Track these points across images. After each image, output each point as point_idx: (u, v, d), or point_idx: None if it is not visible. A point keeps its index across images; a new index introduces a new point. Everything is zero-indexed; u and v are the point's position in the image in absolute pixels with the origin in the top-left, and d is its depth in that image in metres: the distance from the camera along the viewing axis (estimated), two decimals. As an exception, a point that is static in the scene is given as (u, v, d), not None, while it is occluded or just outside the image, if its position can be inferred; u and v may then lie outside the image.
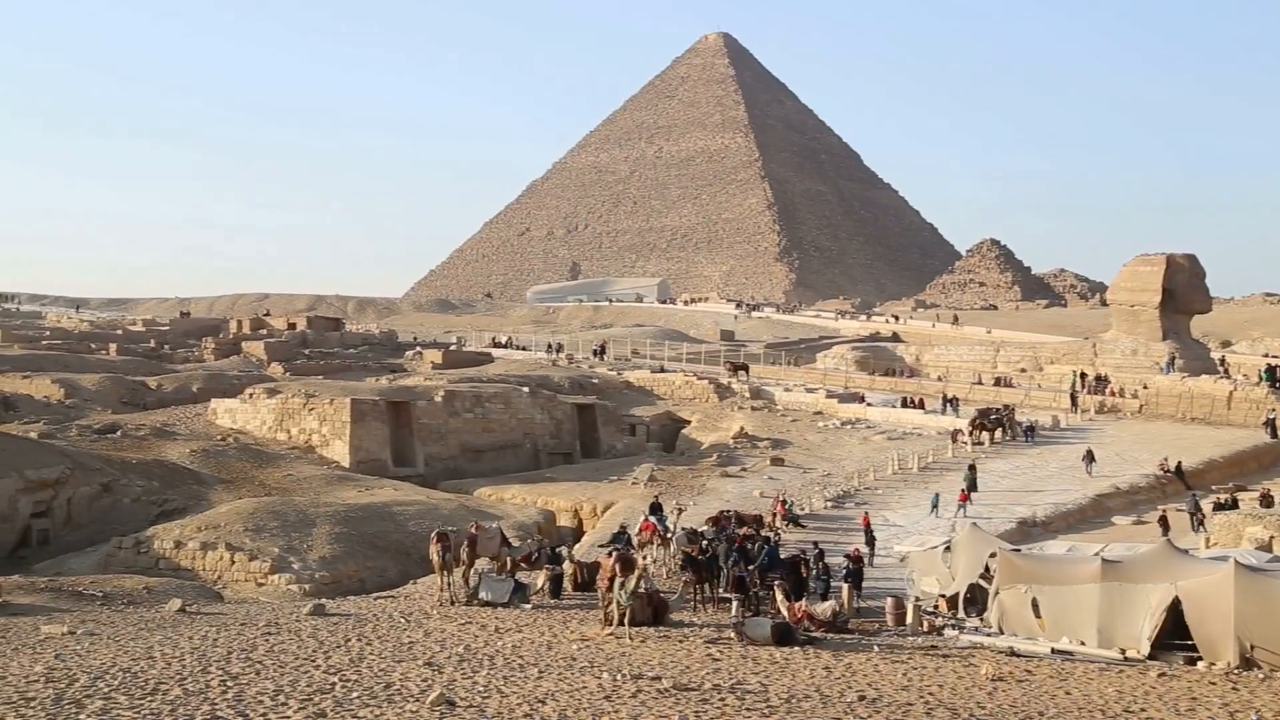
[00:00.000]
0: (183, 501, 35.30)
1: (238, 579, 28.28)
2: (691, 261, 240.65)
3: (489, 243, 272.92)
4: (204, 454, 41.18)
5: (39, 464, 33.65)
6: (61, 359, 64.35)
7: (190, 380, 59.07)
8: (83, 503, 34.07)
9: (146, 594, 23.34)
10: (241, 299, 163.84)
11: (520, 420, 50.70)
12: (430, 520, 32.34)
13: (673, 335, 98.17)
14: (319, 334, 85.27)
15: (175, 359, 74.29)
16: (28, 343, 74.78)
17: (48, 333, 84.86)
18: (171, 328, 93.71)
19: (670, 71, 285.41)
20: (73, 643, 16.07)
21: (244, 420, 48.15)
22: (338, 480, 39.91)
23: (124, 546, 29.92)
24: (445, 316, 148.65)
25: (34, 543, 32.18)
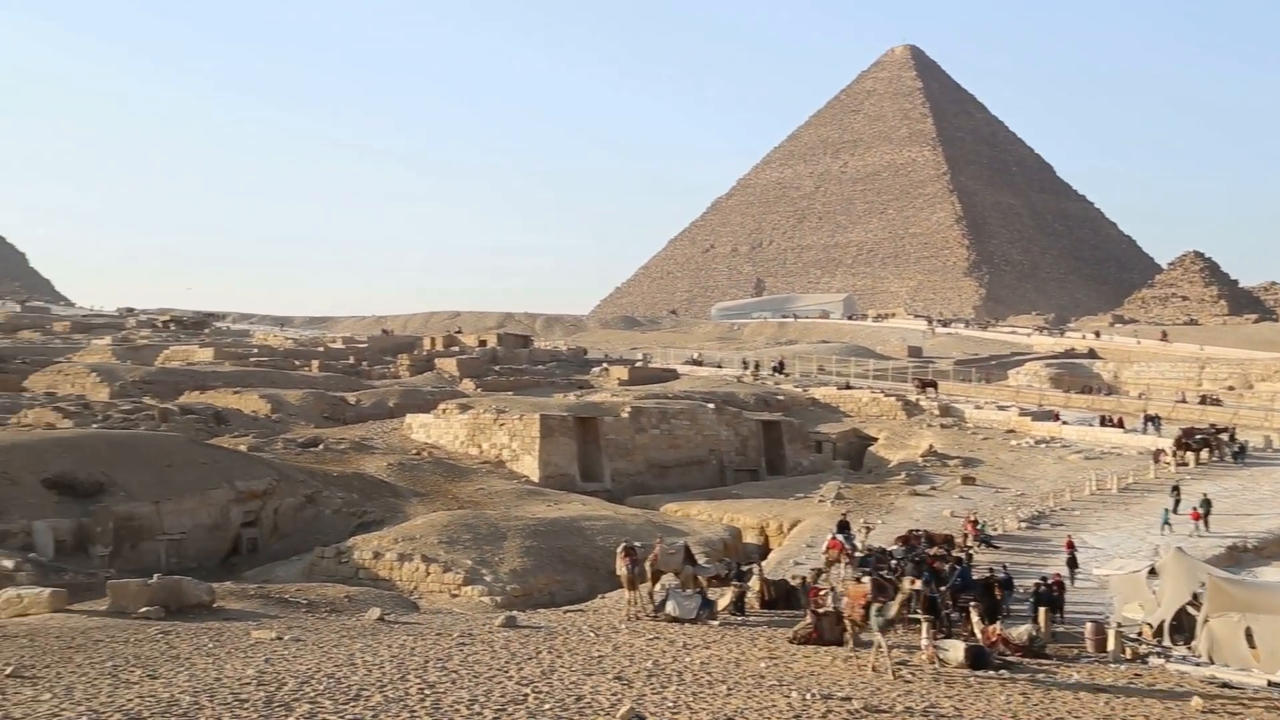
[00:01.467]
0: (380, 513, 36.43)
1: (432, 590, 29.05)
2: (878, 277, 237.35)
3: (674, 260, 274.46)
4: (400, 467, 42.45)
5: (248, 476, 35.26)
6: (268, 375, 67.29)
7: (387, 396, 61.05)
8: (288, 513, 35.53)
9: (348, 602, 24.16)
10: (434, 317, 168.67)
11: (706, 436, 50.80)
12: (617, 535, 32.63)
13: (859, 351, 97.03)
14: (509, 351, 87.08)
15: (372, 375, 76.85)
16: (237, 360, 78.41)
17: (255, 350, 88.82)
18: (369, 345, 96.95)
19: (856, 86, 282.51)
20: (280, 647, 16.74)
21: (437, 435, 49.47)
22: (527, 494, 40.63)
23: (326, 556, 31.07)
24: (630, 333, 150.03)
25: (244, 550, 33.70)
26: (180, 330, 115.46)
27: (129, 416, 48.57)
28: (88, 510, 30.49)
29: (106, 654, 15.88)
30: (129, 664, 15.06)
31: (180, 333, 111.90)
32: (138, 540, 30.98)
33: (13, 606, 20.70)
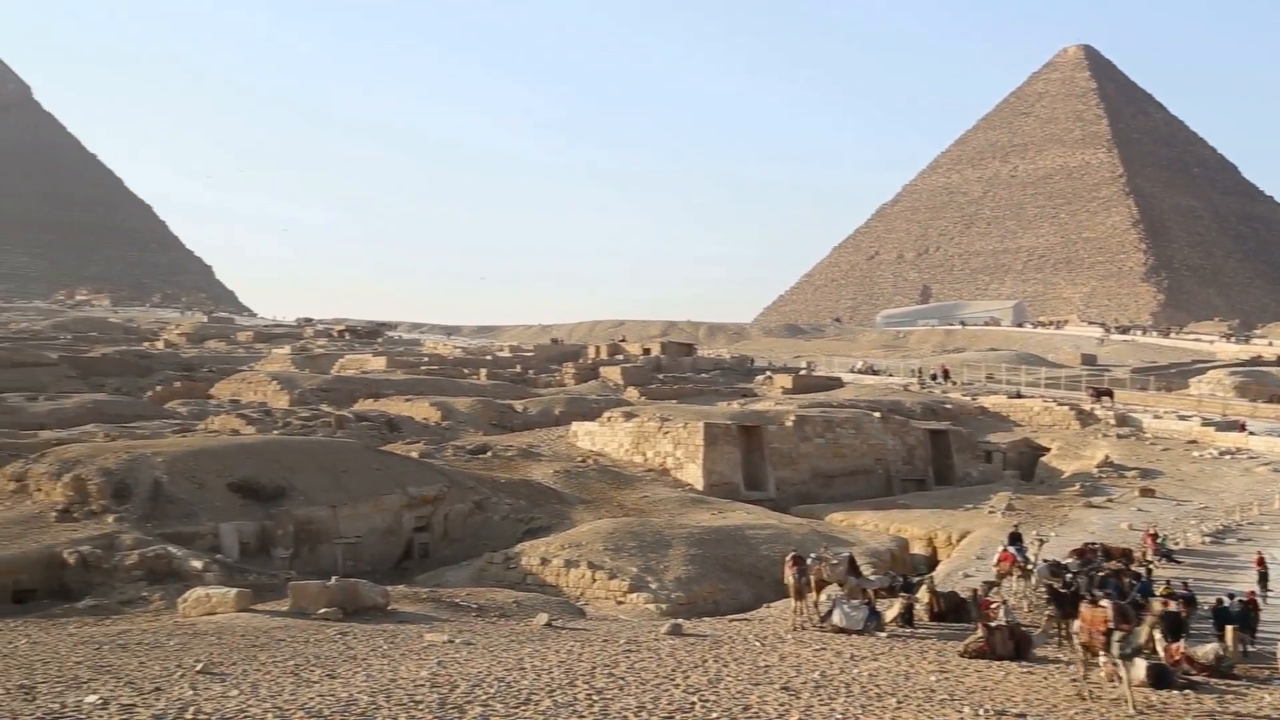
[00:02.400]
0: (547, 520, 36.91)
1: (598, 596, 29.30)
2: (1049, 283, 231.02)
3: (837, 267, 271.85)
4: (565, 474, 42.96)
5: (420, 482, 36.14)
6: (438, 383, 68.90)
7: (552, 404, 61.90)
8: (458, 519, 36.29)
9: (516, 607, 24.55)
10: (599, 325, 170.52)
11: (871, 445, 50.15)
12: (782, 545, 32.41)
13: (1029, 359, 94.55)
14: (672, 359, 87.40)
15: (539, 383, 78.05)
16: (408, 368, 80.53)
17: (426, 359, 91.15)
18: (536, 354, 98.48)
19: (1026, 88, 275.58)
20: (452, 650, 17.10)
21: (602, 443, 49.91)
22: (691, 503, 40.69)
23: (494, 561, 31.63)
24: (794, 341, 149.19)
25: (416, 555, 34.53)
26: (354, 340, 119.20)
27: (307, 423, 50.28)
28: (270, 514, 31.62)
29: (289, 653, 16.46)
30: (310, 663, 15.59)
31: (354, 342, 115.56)
32: (316, 543, 32.01)
33: (202, 605, 21.62)
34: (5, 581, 24.92)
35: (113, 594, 24.97)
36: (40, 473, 30.70)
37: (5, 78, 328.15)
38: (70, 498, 29.42)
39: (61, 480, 29.96)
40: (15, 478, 31.05)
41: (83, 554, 26.08)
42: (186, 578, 25.85)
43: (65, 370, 73.14)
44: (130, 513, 29.14)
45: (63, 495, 29.54)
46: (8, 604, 24.18)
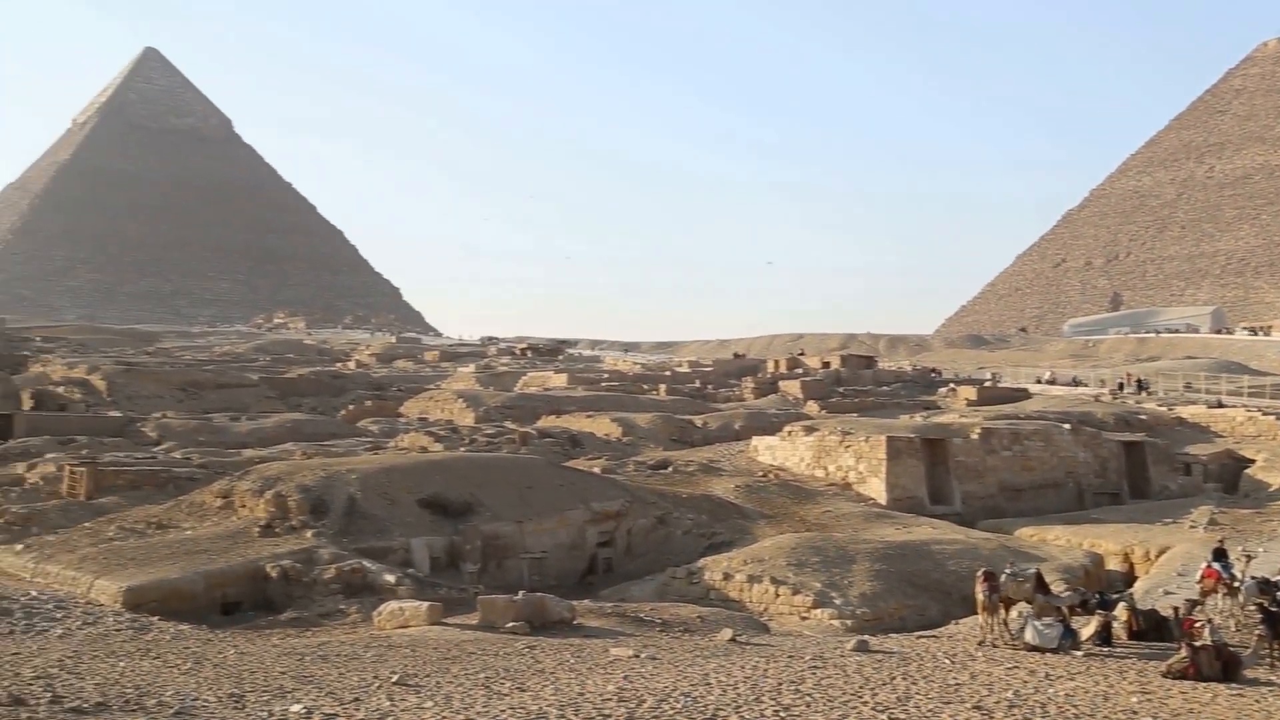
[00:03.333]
0: (729, 535, 36.86)
1: (782, 612, 29.10)
2: (1251, 287, 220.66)
3: (1022, 276, 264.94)
4: (746, 489, 42.84)
5: (603, 497, 36.53)
6: (618, 399, 69.61)
7: (732, 419, 61.89)
8: (640, 534, 36.54)
9: (700, 622, 24.57)
10: (777, 339, 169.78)
11: (1061, 458, 48.61)
12: (969, 560, 31.69)
13: (1230, 367, 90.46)
14: (852, 372, 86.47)
15: (718, 398, 78.14)
16: (589, 385, 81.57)
17: (606, 375, 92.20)
18: (714, 369, 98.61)
19: (1222, 85, 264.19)
20: (638, 665, 17.21)
21: (783, 457, 49.62)
22: (875, 517, 40.11)
23: (677, 576, 31.72)
24: (978, 352, 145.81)
25: (599, 570, 34.88)
26: (536, 357, 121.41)
27: (492, 440, 51.39)
28: (458, 529, 32.37)
29: (479, 665, 16.82)
30: (499, 676, 15.90)
31: (536, 360, 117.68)
32: (503, 558, 32.63)
33: (395, 618, 22.26)
34: (214, 594, 26.09)
35: (312, 606, 25.89)
36: (244, 490, 32.10)
37: (209, 113, 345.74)
38: (272, 514, 30.67)
39: (263, 497, 31.26)
40: (222, 494, 32.54)
41: (284, 568, 27.13)
42: (380, 591, 26.62)
43: (265, 391, 76.42)
44: (327, 528, 30.21)
45: (265, 511, 30.82)
46: (216, 615, 25.31)
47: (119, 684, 14.73)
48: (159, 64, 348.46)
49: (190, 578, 26.10)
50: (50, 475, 38.44)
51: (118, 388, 68.80)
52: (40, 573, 27.62)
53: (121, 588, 24.99)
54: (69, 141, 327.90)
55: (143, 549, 28.41)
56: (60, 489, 36.82)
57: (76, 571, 26.90)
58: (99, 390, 68.50)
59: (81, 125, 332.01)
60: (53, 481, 37.70)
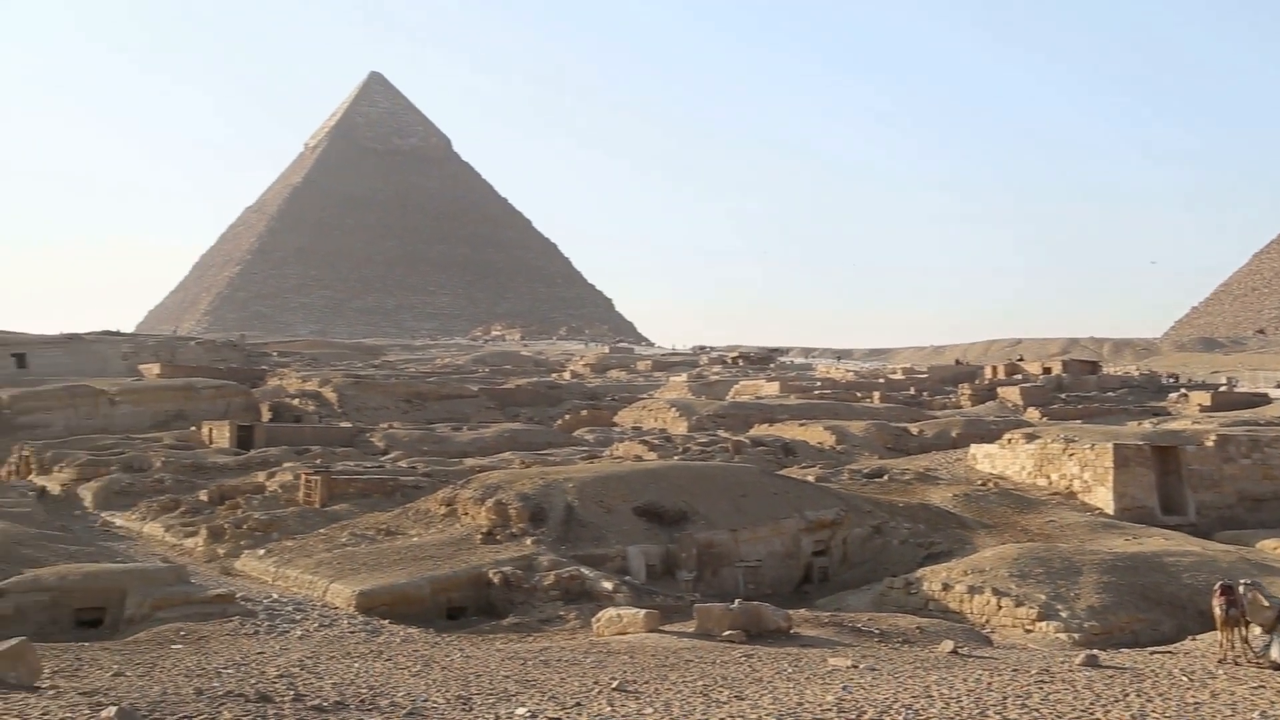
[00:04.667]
0: (947, 544, 36.09)
1: (1004, 624, 28.30)
2: None
3: (1260, 275, 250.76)
4: (964, 498, 41.85)
5: (817, 505, 36.24)
6: (831, 407, 69.01)
7: (949, 426, 60.57)
8: (856, 543, 36.11)
9: (919, 633, 24.11)
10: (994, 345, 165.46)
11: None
12: (1206, 573, 30.13)
13: None
14: (1074, 377, 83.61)
15: (933, 405, 76.64)
16: (801, 392, 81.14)
17: (818, 383, 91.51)
18: (929, 375, 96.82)
19: None
20: (857, 676, 17.00)
21: (1003, 465, 48.28)
22: (1101, 527, 38.60)
23: (895, 586, 31.20)
24: (1211, 356, 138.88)
25: (814, 579, 34.61)
26: (748, 366, 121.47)
27: (705, 448, 51.62)
28: (673, 537, 32.62)
29: (697, 673, 16.90)
30: (718, 684, 15.94)
31: (748, 368, 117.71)
32: (718, 566, 32.72)
33: (614, 625, 22.58)
34: (440, 599, 27.00)
35: (533, 612, 26.50)
36: (466, 498, 33.11)
37: (429, 133, 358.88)
38: (493, 521, 31.53)
39: (485, 505, 32.17)
40: (445, 502, 33.65)
41: (505, 574, 27.85)
42: (598, 598, 27.05)
43: (484, 401, 78.69)
44: (546, 535, 30.88)
45: (486, 519, 31.71)
46: (442, 619, 26.16)
47: (354, 684, 15.39)
48: (383, 87, 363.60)
49: (418, 583, 27.08)
50: (288, 483, 40.46)
51: (347, 399, 71.99)
52: (280, 576, 29.13)
53: (354, 592, 26.11)
54: (301, 165, 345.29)
55: (373, 554, 29.61)
56: (297, 496, 38.74)
57: (313, 575, 28.25)
58: (330, 402, 71.80)
59: (313, 149, 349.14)
60: (290, 489, 39.67)
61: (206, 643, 20.45)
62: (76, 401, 63.82)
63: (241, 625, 22.76)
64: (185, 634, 21.36)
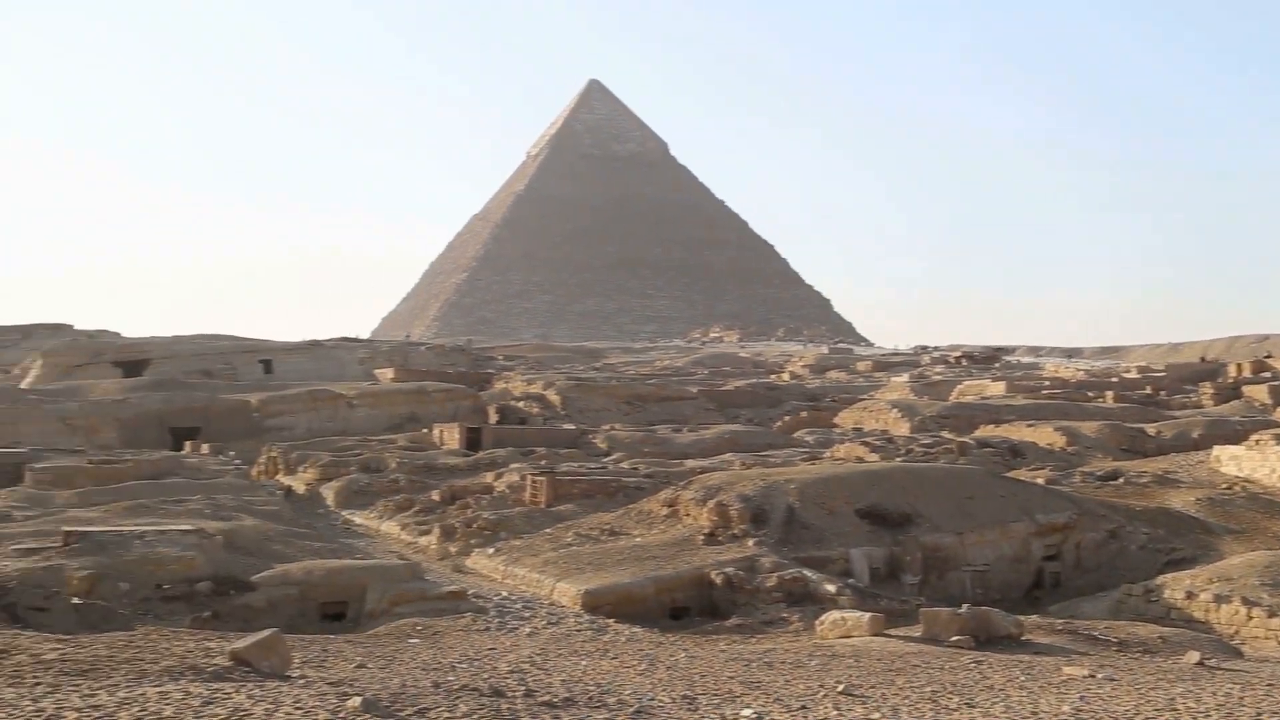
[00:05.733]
0: (1189, 551, 34.43)
1: (1255, 635, 26.79)
2: None
3: None
4: (1209, 502, 39.78)
5: (1048, 509, 35.09)
6: (1060, 407, 66.68)
7: (1189, 427, 57.73)
8: (1089, 548, 34.79)
9: (1161, 643, 23.05)
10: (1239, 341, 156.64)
11: None
12: None
13: None
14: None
15: (1171, 405, 73.23)
16: (1028, 392, 78.66)
17: (1046, 383, 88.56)
18: (1166, 373, 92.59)
19: None
20: (1095, 686, 16.35)
21: (1250, 468, 45.69)
22: (1365, 535, 36.16)
23: (1133, 594, 29.93)
24: None
25: (1045, 585, 33.52)
26: (971, 365, 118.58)
27: (929, 450, 50.57)
28: (897, 539, 32.11)
29: (925, 679, 16.56)
30: (946, 690, 15.58)
31: (971, 368, 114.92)
32: (943, 570, 32.05)
33: (838, 628, 22.36)
34: (663, 599, 27.27)
35: (755, 613, 26.49)
36: (688, 499, 33.34)
37: (646, 137, 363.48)
38: (714, 522, 31.65)
39: (706, 506, 32.32)
40: (667, 503, 33.97)
41: (728, 575, 27.92)
42: (820, 600, 26.85)
43: (704, 403, 79.10)
44: (767, 537, 30.81)
45: (708, 520, 31.85)
46: (665, 620, 26.42)
47: (582, 681, 15.67)
48: (601, 94, 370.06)
49: (641, 582, 27.41)
50: (514, 484, 41.54)
51: (570, 401, 73.48)
52: (509, 574, 29.94)
53: (580, 590, 26.61)
54: (523, 172, 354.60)
55: (597, 554, 30.12)
56: (523, 497, 39.73)
57: (540, 574, 28.93)
58: (554, 404, 73.42)
59: (534, 157, 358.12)
60: (516, 490, 40.72)
61: (441, 638, 21.19)
62: (318, 405, 67.12)
63: (474, 621, 23.49)
64: (421, 629, 22.19)
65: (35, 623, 18.62)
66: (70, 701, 10.18)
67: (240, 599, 24.15)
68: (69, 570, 23.59)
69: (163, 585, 24.07)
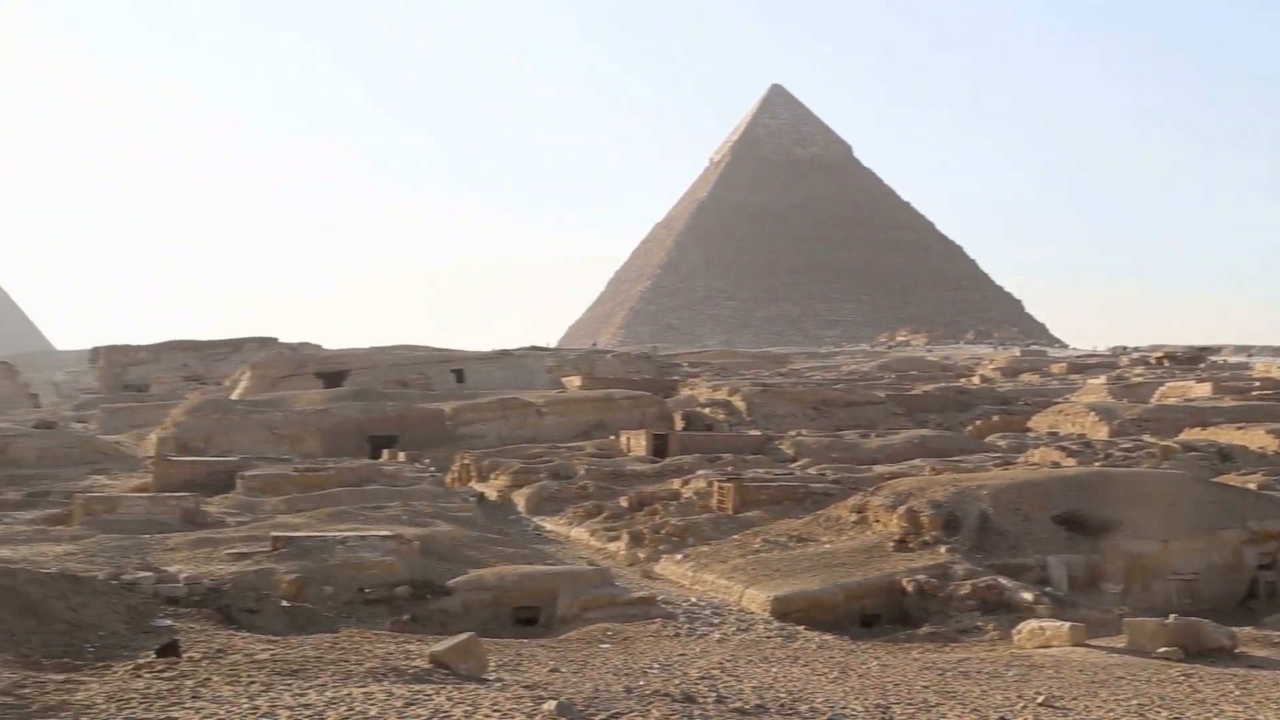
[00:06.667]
0: None
1: None
2: None
3: None
4: None
5: (1262, 515, 33.34)
6: (1273, 409, 63.47)
7: None
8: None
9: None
10: None
11: None
12: None
13: None
14: None
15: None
16: (1237, 394, 75.13)
17: (1256, 383, 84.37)
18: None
19: None
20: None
21: None
22: None
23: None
24: None
25: (1261, 595, 31.88)
26: (1174, 366, 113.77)
27: (1129, 454, 48.73)
28: (1096, 547, 30.99)
29: (1130, 691, 15.95)
30: (1154, 704, 14.98)
31: (1174, 368, 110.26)
32: (1147, 579, 30.78)
33: (1035, 638, 21.73)
34: (853, 606, 26.93)
35: (948, 622, 25.92)
36: (877, 505, 32.85)
37: (829, 140, 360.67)
38: (904, 529, 31.11)
39: (896, 512, 31.79)
40: (856, 509, 33.54)
41: (919, 582, 27.40)
42: (1017, 609, 26.10)
43: (891, 408, 77.88)
44: (960, 544, 30.11)
45: (898, 526, 31.33)
46: (855, 627, 26.09)
47: (773, 688, 15.60)
48: (783, 99, 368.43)
49: (830, 589, 27.13)
50: (701, 490, 41.64)
51: (756, 407, 73.25)
52: (697, 580, 30.02)
53: (769, 597, 26.50)
54: (706, 179, 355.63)
55: (785, 561, 29.94)
56: (710, 503, 39.78)
57: (728, 580, 28.91)
58: (739, 410, 73.32)
59: (717, 163, 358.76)
60: (703, 496, 40.80)
61: (632, 643, 21.38)
62: (508, 413, 68.55)
63: (663, 627, 23.63)
64: (612, 634, 22.42)
65: (247, 624, 19.45)
66: (283, 700, 10.63)
67: (437, 603, 24.81)
68: (278, 574, 24.66)
69: (364, 589, 24.92)
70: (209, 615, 19.46)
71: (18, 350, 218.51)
